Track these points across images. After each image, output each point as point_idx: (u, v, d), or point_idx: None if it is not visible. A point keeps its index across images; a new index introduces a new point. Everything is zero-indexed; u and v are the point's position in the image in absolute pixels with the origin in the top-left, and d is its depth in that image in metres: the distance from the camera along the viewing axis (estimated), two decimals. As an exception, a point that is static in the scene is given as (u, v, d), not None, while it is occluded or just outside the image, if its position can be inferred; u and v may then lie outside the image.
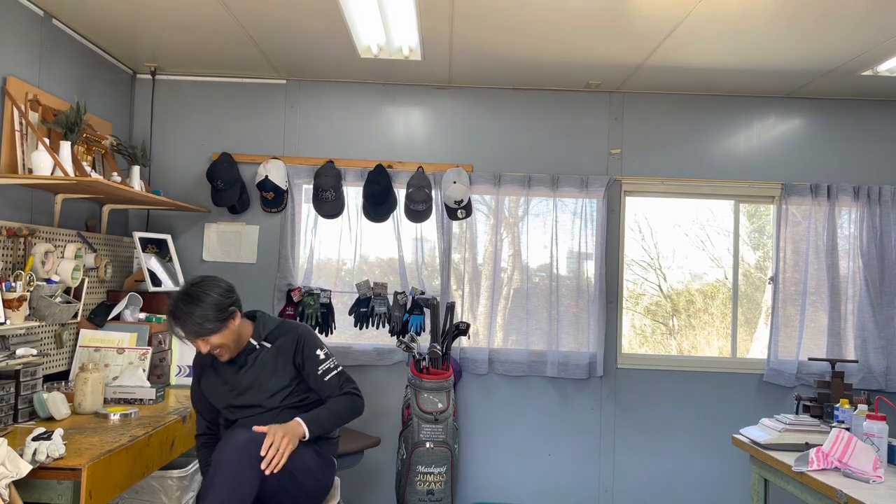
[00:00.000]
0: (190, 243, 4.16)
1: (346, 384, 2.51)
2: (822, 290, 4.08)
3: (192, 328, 2.33)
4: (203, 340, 2.37)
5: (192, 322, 2.32)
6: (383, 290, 4.01)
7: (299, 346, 2.51)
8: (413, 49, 3.54)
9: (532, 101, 4.22)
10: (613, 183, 4.17)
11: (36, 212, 3.17)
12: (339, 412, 2.45)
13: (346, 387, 2.50)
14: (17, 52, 3.02)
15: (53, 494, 2.12)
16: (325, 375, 2.49)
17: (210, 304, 2.33)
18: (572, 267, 4.14)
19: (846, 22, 3.06)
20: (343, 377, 2.51)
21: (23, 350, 2.71)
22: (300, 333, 2.54)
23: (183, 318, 2.32)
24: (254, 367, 2.49)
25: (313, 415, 2.40)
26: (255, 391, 2.47)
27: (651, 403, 4.15)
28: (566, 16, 3.09)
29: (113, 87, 3.93)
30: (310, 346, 2.52)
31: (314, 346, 2.52)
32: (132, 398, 2.97)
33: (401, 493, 3.60)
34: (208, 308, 2.32)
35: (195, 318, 2.31)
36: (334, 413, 2.44)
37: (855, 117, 4.21)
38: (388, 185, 4.00)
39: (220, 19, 3.27)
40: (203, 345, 2.38)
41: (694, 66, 3.73)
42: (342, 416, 2.46)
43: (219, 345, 2.39)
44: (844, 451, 2.45)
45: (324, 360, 2.51)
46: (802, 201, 4.13)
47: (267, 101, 4.20)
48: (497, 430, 4.15)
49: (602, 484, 4.13)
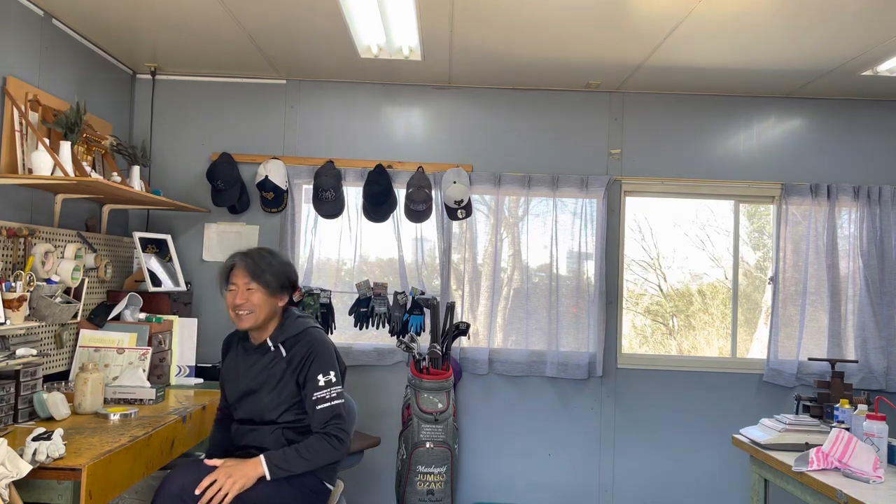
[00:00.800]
0: (190, 243, 4.15)
1: (333, 423, 2.34)
2: (822, 290, 4.08)
3: (256, 264, 2.39)
4: (250, 282, 2.38)
5: (261, 260, 2.41)
6: (383, 290, 4.01)
7: (307, 363, 2.39)
8: (413, 49, 3.54)
9: (532, 101, 4.22)
10: (613, 183, 4.17)
11: (36, 212, 3.17)
12: (310, 457, 2.29)
13: (330, 426, 2.33)
14: (17, 52, 3.02)
15: (53, 494, 2.12)
16: (318, 404, 2.35)
17: (284, 262, 2.48)
18: (572, 267, 4.14)
19: (846, 22, 3.05)
20: (333, 413, 2.35)
21: (23, 350, 2.71)
22: (312, 350, 2.41)
23: (256, 253, 2.43)
24: (266, 370, 2.43)
25: (280, 455, 2.28)
26: (256, 398, 2.43)
27: (651, 403, 4.15)
28: (566, 16, 3.09)
29: (113, 87, 3.93)
30: (316, 367, 2.39)
31: (319, 369, 2.38)
32: (132, 398, 2.97)
33: (401, 493, 3.60)
34: (280, 264, 2.45)
35: (266, 259, 2.42)
36: (303, 457, 2.28)
37: (855, 117, 4.21)
38: (388, 185, 4.00)
39: (220, 19, 3.27)
40: (244, 287, 2.38)
41: (694, 66, 3.73)
42: (312, 462, 2.30)
43: (254, 303, 2.38)
44: (844, 451, 2.45)
45: (323, 387, 2.36)
46: (802, 201, 4.13)
47: (267, 101, 4.20)
48: (497, 431, 4.15)
49: (602, 484, 4.13)
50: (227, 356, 2.60)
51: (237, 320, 2.42)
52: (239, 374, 2.49)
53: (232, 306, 2.41)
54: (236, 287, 2.41)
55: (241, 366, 2.50)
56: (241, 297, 2.38)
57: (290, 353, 2.43)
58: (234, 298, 2.40)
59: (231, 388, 2.51)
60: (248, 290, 2.39)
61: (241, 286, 2.39)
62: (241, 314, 2.39)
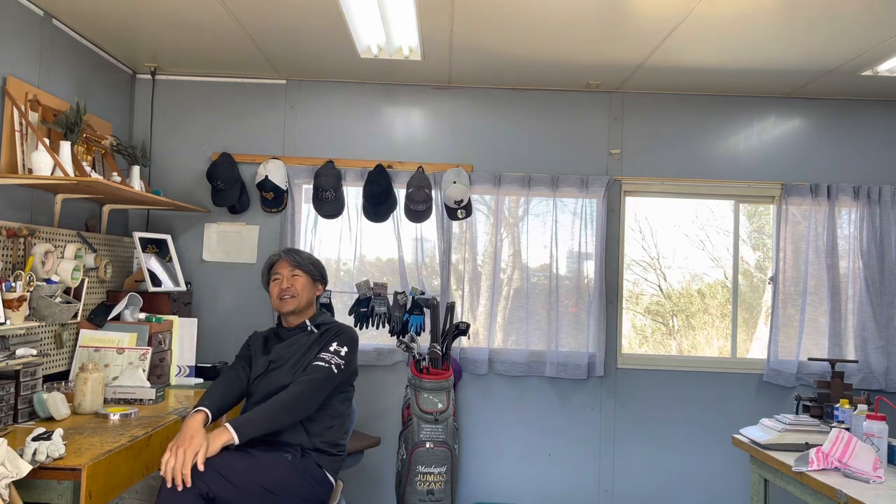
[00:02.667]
0: (190, 243, 4.15)
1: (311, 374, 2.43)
2: (822, 290, 4.08)
3: (300, 257, 2.71)
4: (296, 271, 2.66)
5: (299, 254, 2.73)
6: (383, 290, 4.01)
7: (332, 337, 2.60)
8: (413, 49, 3.54)
9: (532, 101, 4.22)
10: (613, 183, 4.17)
11: (36, 212, 3.17)
12: (276, 409, 2.35)
13: (301, 379, 2.42)
14: (17, 52, 3.02)
15: (53, 494, 2.12)
16: (315, 361, 2.50)
17: (317, 259, 2.79)
18: (572, 267, 4.14)
19: (846, 22, 3.05)
20: (317, 372, 2.45)
21: (23, 350, 2.71)
22: (341, 330, 2.66)
23: (297, 251, 2.74)
24: (295, 343, 2.62)
25: (242, 419, 2.32)
26: (279, 371, 2.53)
27: (651, 403, 4.15)
28: (566, 16, 3.09)
29: (113, 87, 3.93)
30: (338, 339, 2.59)
31: (339, 340, 2.58)
32: (132, 398, 2.97)
33: (401, 493, 3.60)
34: (314, 258, 2.78)
35: (305, 255, 2.74)
36: (266, 412, 2.33)
37: (855, 117, 4.21)
38: (388, 185, 4.00)
39: (220, 19, 3.27)
40: (289, 275, 2.65)
41: (694, 66, 3.73)
42: (279, 412, 2.34)
43: (298, 288, 2.64)
44: (844, 451, 2.45)
45: (331, 352, 2.53)
46: (802, 201, 4.13)
47: (267, 101, 4.20)
48: (497, 431, 4.15)
49: (602, 484, 4.13)
50: (258, 341, 2.72)
51: (281, 305, 2.64)
52: (271, 349, 2.64)
53: (278, 292, 2.65)
54: (280, 276, 2.67)
55: (272, 343, 2.68)
56: (287, 283, 2.65)
57: (320, 331, 2.66)
58: (281, 284, 2.65)
59: (259, 363, 2.61)
60: (293, 276, 2.67)
61: (286, 274, 2.67)
62: (286, 298, 2.63)
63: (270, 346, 2.67)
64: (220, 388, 2.54)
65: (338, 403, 2.58)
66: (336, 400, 2.56)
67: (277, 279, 2.68)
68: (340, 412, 2.59)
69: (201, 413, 2.32)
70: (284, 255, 2.71)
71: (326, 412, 2.52)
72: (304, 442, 2.44)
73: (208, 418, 2.32)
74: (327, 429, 2.51)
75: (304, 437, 2.45)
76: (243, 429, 2.27)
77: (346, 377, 2.56)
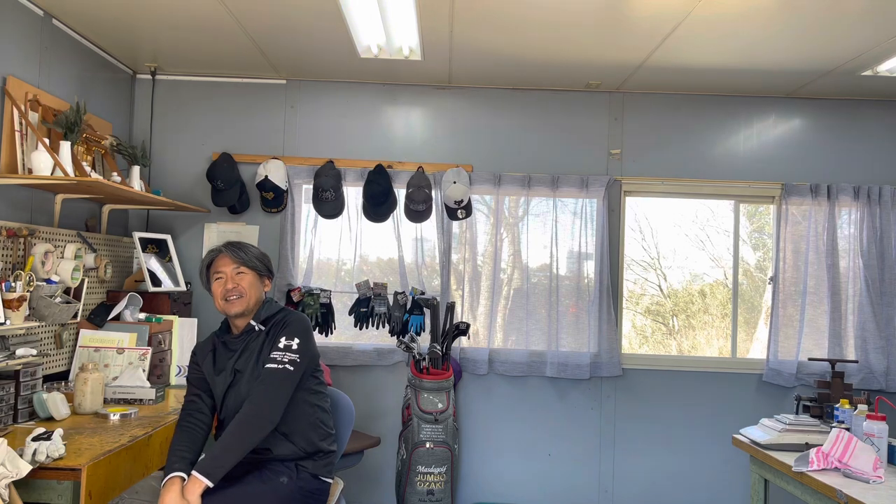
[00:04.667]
0: (190, 243, 4.15)
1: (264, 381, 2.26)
2: (822, 290, 4.08)
3: (245, 253, 2.45)
4: (238, 266, 2.42)
5: (241, 247, 2.46)
6: (383, 290, 4.01)
7: (279, 331, 2.38)
8: (413, 49, 3.54)
9: (532, 101, 4.22)
10: (613, 183, 4.17)
11: (36, 212, 3.17)
12: (238, 434, 2.19)
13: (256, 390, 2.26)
14: (17, 52, 3.02)
15: (53, 494, 2.12)
16: (266, 364, 2.30)
17: (262, 252, 2.53)
18: (572, 267, 4.14)
19: (846, 22, 3.06)
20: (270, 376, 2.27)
21: (23, 350, 2.71)
22: (287, 320, 2.42)
23: (239, 245, 2.47)
24: (245, 352, 2.40)
25: (207, 459, 2.16)
26: (239, 385, 2.36)
27: (651, 403, 4.15)
28: (566, 16, 3.09)
29: (113, 87, 3.93)
30: (284, 332, 2.37)
31: (284, 334, 2.36)
32: (132, 398, 2.97)
33: (401, 493, 3.60)
34: (258, 250, 2.51)
35: (250, 249, 2.48)
36: (230, 443, 2.17)
37: (855, 117, 4.21)
38: (388, 185, 4.00)
39: (220, 19, 3.27)
40: (233, 273, 2.41)
41: (694, 66, 3.73)
42: (243, 437, 2.19)
43: (244, 287, 2.40)
44: (844, 452, 2.45)
45: (281, 349, 2.32)
46: (802, 201, 4.13)
47: (267, 101, 4.20)
48: (497, 431, 4.15)
49: (602, 484, 4.13)
50: (203, 361, 2.47)
51: (227, 307, 2.40)
52: (225, 366, 2.42)
53: (222, 293, 2.40)
54: (224, 274, 2.41)
55: (221, 362, 2.44)
56: (232, 282, 2.40)
57: (267, 328, 2.43)
58: (225, 285, 2.40)
59: (219, 383, 2.41)
60: (238, 274, 2.42)
61: (230, 273, 2.41)
62: (232, 299, 2.39)
63: (222, 360, 2.43)
64: (187, 441, 2.31)
65: (308, 398, 2.41)
66: (303, 396, 2.39)
67: (220, 278, 2.41)
68: (315, 405, 2.43)
69: (176, 481, 2.12)
70: (226, 249, 2.44)
71: (300, 413, 2.37)
72: (292, 452, 2.34)
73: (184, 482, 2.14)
74: (309, 429, 2.39)
75: (291, 446, 2.34)
76: (213, 471, 2.12)
77: (305, 369, 2.37)
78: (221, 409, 2.41)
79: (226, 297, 2.39)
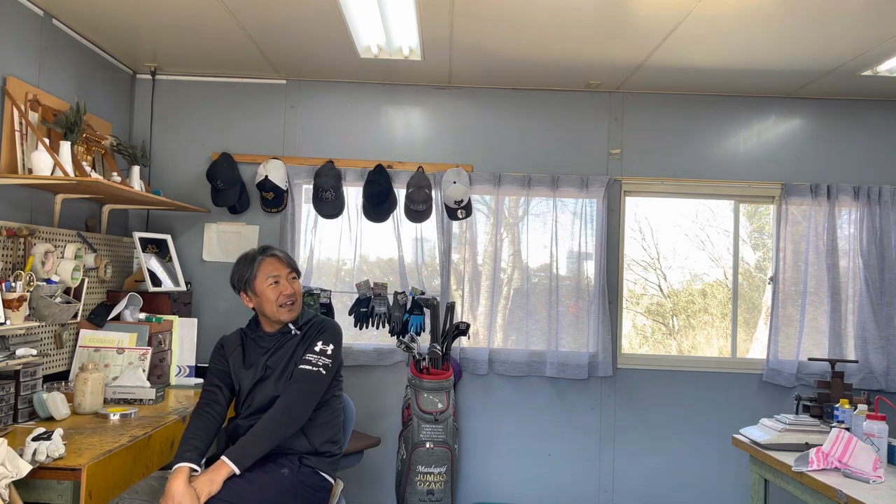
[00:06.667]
0: (190, 243, 4.15)
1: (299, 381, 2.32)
2: (822, 290, 4.08)
3: (289, 257, 2.51)
4: (291, 272, 2.47)
5: (289, 255, 2.53)
6: (383, 290, 4.01)
7: (316, 335, 2.43)
8: (413, 49, 3.54)
9: (532, 101, 4.22)
10: (613, 183, 4.17)
11: (36, 212, 3.17)
12: (270, 428, 2.25)
13: (290, 390, 2.31)
14: (17, 52, 3.02)
15: (53, 494, 2.12)
16: (301, 365, 2.36)
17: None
18: (572, 267, 4.14)
19: (846, 22, 3.06)
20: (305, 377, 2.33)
21: (23, 350, 2.71)
22: (324, 326, 2.47)
23: (282, 250, 2.54)
24: (280, 351, 2.44)
25: (238, 447, 2.22)
26: (268, 381, 2.39)
27: (651, 403, 4.15)
28: (566, 16, 3.09)
29: (113, 87, 3.93)
30: (321, 337, 2.43)
31: (323, 339, 2.42)
32: (132, 398, 2.97)
33: (401, 493, 3.60)
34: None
35: (291, 258, 2.54)
36: (261, 435, 2.24)
37: (855, 117, 4.21)
38: (388, 185, 4.00)
39: (220, 19, 3.27)
40: (289, 277, 2.45)
41: (694, 66, 3.73)
42: (275, 431, 2.26)
43: (298, 293, 2.46)
44: (844, 451, 2.45)
45: (317, 353, 2.38)
46: (802, 201, 4.13)
47: (267, 101, 4.20)
48: (497, 430, 4.15)
49: (602, 484, 4.13)
50: (234, 352, 2.50)
51: (284, 313, 2.43)
52: (256, 361, 2.44)
53: (280, 299, 2.41)
54: (280, 278, 2.44)
55: (253, 353, 2.47)
56: (290, 288, 2.44)
57: (304, 332, 2.48)
58: (283, 290, 2.42)
59: (247, 377, 2.43)
60: (293, 279, 2.47)
61: (286, 276, 2.45)
62: (288, 305, 2.43)
63: (253, 355, 2.47)
64: (202, 430, 2.33)
65: (329, 400, 2.47)
66: (325, 397, 2.44)
67: (277, 282, 2.43)
68: (334, 407, 2.49)
69: (184, 471, 2.14)
70: (274, 252, 2.48)
71: (323, 412, 2.44)
72: (303, 447, 2.37)
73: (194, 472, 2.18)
74: (325, 428, 2.44)
75: (304, 441, 2.37)
76: (242, 459, 2.19)
77: (334, 374, 2.46)
78: (243, 403, 2.45)
79: (283, 302, 2.42)
